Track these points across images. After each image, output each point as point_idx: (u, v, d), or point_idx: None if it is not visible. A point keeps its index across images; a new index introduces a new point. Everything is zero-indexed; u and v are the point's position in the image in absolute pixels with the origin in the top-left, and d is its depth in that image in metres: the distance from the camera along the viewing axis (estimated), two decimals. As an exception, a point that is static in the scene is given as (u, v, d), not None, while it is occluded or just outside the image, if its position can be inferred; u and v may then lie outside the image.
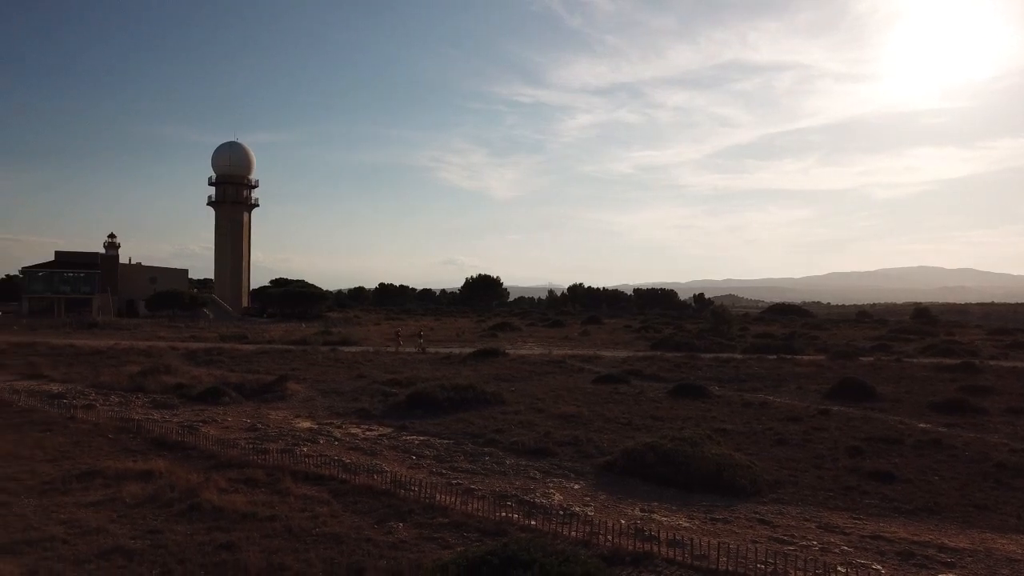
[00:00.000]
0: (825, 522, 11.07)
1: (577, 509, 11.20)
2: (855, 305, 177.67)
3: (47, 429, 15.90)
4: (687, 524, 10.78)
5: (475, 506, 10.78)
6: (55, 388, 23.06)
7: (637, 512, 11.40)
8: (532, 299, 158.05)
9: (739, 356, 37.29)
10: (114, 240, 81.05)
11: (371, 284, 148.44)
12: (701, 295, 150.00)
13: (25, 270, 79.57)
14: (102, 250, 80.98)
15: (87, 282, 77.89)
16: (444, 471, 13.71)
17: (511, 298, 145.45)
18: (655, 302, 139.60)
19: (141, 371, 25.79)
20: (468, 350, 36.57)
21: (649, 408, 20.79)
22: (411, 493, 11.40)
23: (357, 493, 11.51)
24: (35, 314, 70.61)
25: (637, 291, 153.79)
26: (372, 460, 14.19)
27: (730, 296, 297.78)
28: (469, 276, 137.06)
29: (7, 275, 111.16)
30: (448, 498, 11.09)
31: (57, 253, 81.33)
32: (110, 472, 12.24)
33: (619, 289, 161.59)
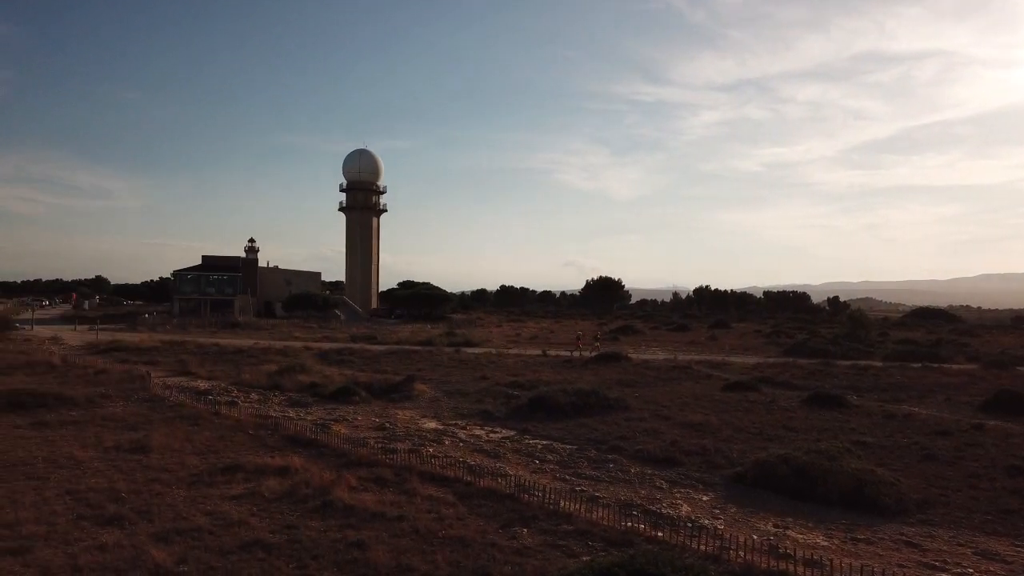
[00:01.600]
0: (982, 548, 10.16)
1: (706, 522, 10.80)
2: (1010, 310, 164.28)
3: (195, 424, 16.95)
4: (825, 543, 10.17)
5: (600, 514, 10.59)
6: (202, 385, 24.63)
7: (770, 527, 10.87)
8: (655, 302, 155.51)
9: (879, 364, 35.15)
10: (254, 244, 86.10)
11: (493, 286, 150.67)
12: (835, 298, 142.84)
13: (176, 273, 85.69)
14: (243, 254, 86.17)
15: (230, 284, 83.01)
16: (568, 477, 13.58)
17: (632, 300, 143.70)
18: (786, 305, 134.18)
19: (278, 370, 27.14)
20: (589, 354, 36.32)
21: (781, 418, 19.88)
22: (535, 498, 11.33)
23: (481, 496, 11.56)
24: (184, 314, 75.87)
25: (767, 294, 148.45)
26: (496, 463, 14.26)
27: (867, 299, 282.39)
28: (589, 278, 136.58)
29: (160, 277, 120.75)
30: (572, 505, 10.94)
31: (204, 257, 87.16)
32: (250, 467, 12.86)
33: (747, 292, 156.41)
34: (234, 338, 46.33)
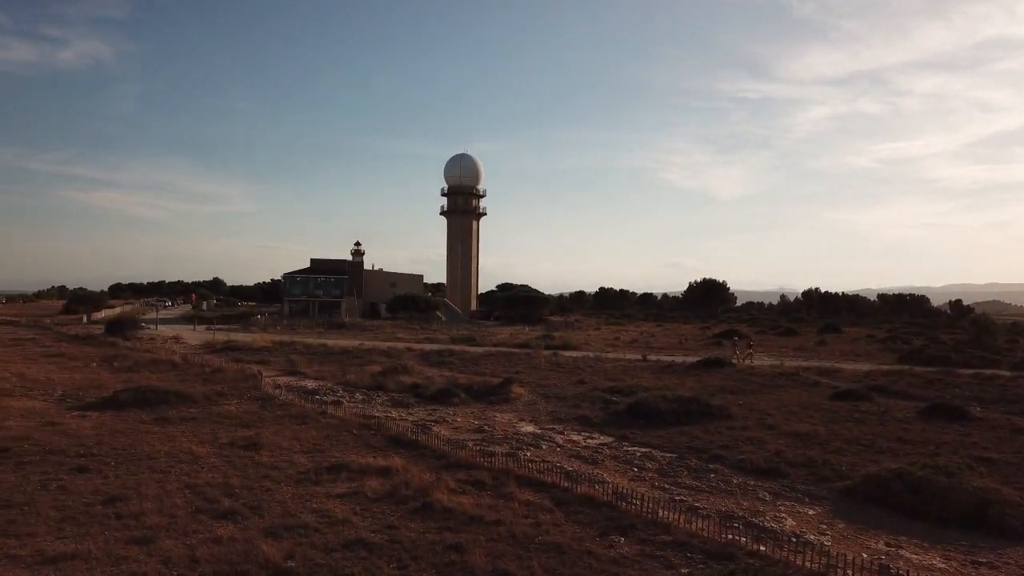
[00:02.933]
0: (1124, 579, 9.34)
1: (812, 537, 10.39)
2: None
3: (303, 423, 17.62)
4: (942, 565, 9.60)
5: (700, 525, 10.35)
6: (309, 384, 25.60)
7: (881, 546, 10.35)
8: (761, 304, 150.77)
9: (1006, 373, 32.85)
10: (359, 248, 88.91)
11: (591, 288, 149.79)
12: (958, 301, 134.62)
13: (286, 276, 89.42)
14: (350, 257, 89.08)
15: (337, 286, 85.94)
16: (667, 486, 13.36)
17: (738, 303, 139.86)
18: (903, 309, 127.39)
19: (382, 371, 27.91)
20: (691, 359, 35.60)
21: (896, 430, 18.89)
22: (632, 507, 11.19)
23: (578, 502, 11.51)
24: (294, 315, 79.06)
25: (882, 296, 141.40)
26: (593, 469, 14.18)
27: (995, 302, 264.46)
28: (692, 280, 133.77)
29: (272, 279, 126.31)
30: (671, 515, 10.75)
31: (312, 260, 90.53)
32: (354, 466, 13.26)
33: (860, 294, 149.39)
34: (340, 338, 47.93)
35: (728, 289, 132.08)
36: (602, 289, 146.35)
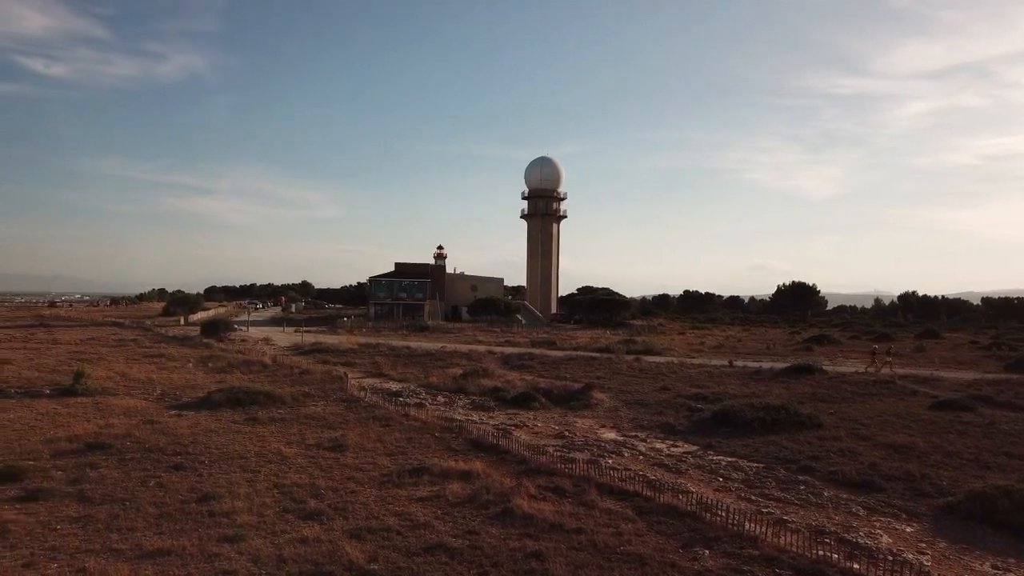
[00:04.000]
0: None
1: (910, 556, 9.88)
2: None
3: (386, 425, 17.91)
4: (1058, 592, 8.96)
5: (788, 540, 9.98)
6: (393, 386, 26.02)
7: (987, 568, 9.75)
8: (854, 308, 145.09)
9: (1125, 383, 30.54)
10: (442, 252, 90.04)
11: (675, 291, 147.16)
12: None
13: (371, 279, 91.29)
14: (432, 260, 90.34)
15: (420, 289, 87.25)
16: (753, 497, 12.96)
17: (829, 307, 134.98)
18: (1009, 313, 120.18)
19: (463, 374, 28.14)
20: (780, 365, 34.52)
21: (1003, 443, 17.80)
22: (717, 518, 10.90)
23: (661, 512, 11.29)
24: (379, 317, 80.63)
25: (986, 300, 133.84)
26: (677, 478, 13.89)
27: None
28: (781, 283, 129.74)
29: (358, 282, 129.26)
30: (758, 527, 10.41)
31: (396, 264, 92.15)
32: (436, 470, 13.37)
33: (962, 298, 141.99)
34: (423, 341, 48.61)
35: (818, 292, 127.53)
36: (686, 292, 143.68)
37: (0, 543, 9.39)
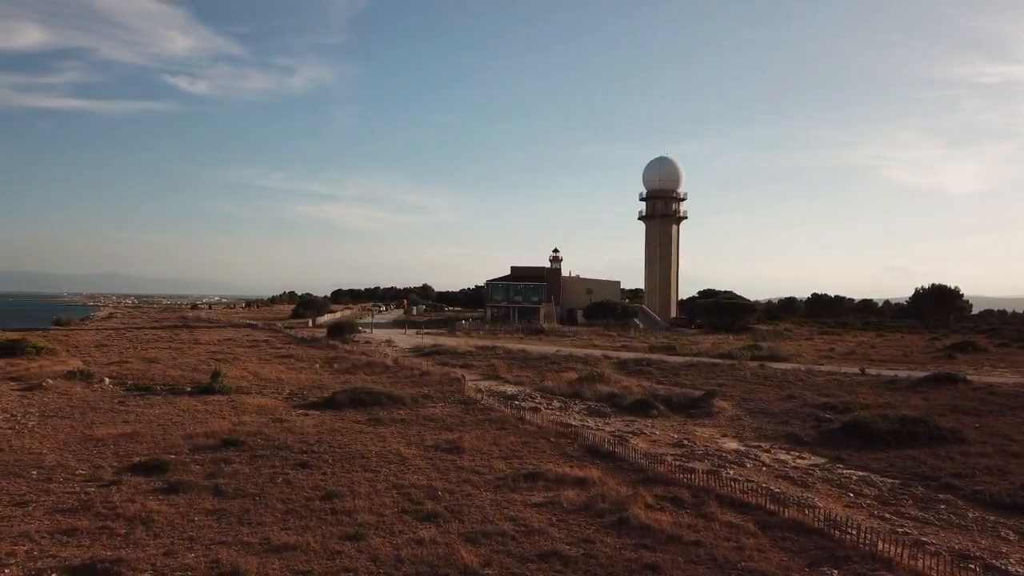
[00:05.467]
0: None
1: (1071, 589, 8.97)
2: None
3: (502, 428, 18.02)
4: None
5: (927, 563, 9.27)
6: (508, 389, 26.21)
7: None
8: (1003, 313, 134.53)
9: None
10: (557, 255, 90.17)
11: (802, 294, 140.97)
12: None
13: (488, 282, 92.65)
14: (548, 263, 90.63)
15: (535, 292, 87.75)
16: (887, 515, 12.17)
17: (974, 311, 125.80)
18: None
19: (579, 378, 27.99)
20: (918, 374, 32.39)
21: None
22: (847, 536, 10.28)
23: (786, 527, 10.77)
24: (496, 320, 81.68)
25: None
26: (803, 492, 13.26)
27: None
28: (919, 285, 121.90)
29: (476, 285, 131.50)
30: (893, 548, 9.73)
31: (512, 267, 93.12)
32: (551, 475, 13.31)
33: None
34: (539, 344, 48.78)
35: (962, 295, 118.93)
36: (815, 295, 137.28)
37: (145, 531, 10.05)
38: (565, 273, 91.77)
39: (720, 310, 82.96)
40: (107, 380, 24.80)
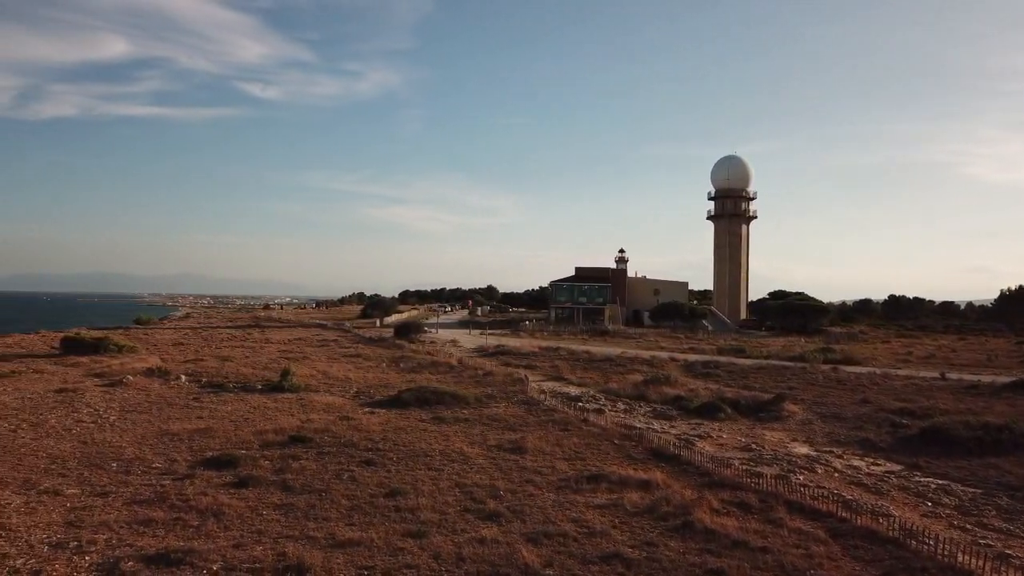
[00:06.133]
0: None
1: None
2: None
3: (564, 429, 17.92)
4: None
5: (1013, 577, 8.82)
6: (572, 391, 26.08)
7: None
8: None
9: None
10: (623, 255, 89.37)
11: (878, 295, 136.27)
12: None
13: (552, 283, 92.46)
14: (613, 264, 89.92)
15: (600, 293, 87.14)
16: (968, 526, 11.64)
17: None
18: None
19: (644, 380, 27.65)
20: (1003, 379, 30.92)
21: None
22: (925, 547, 9.86)
23: (858, 536, 10.40)
24: (560, 321, 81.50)
25: None
26: (877, 500, 12.79)
27: None
28: (1006, 287, 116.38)
29: (540, 287, 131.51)
30: (974, 561, 9.29)
31: (577, 268, 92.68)
32: (614, 477, 13.17)
33: None
34: (603, 345, 48.43)
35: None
36: (891, 297, 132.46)
37: (216, 523, 10.34)
38: (631, 274, 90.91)
39: (791, 312, 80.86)
40: (183, 377, 25.68)
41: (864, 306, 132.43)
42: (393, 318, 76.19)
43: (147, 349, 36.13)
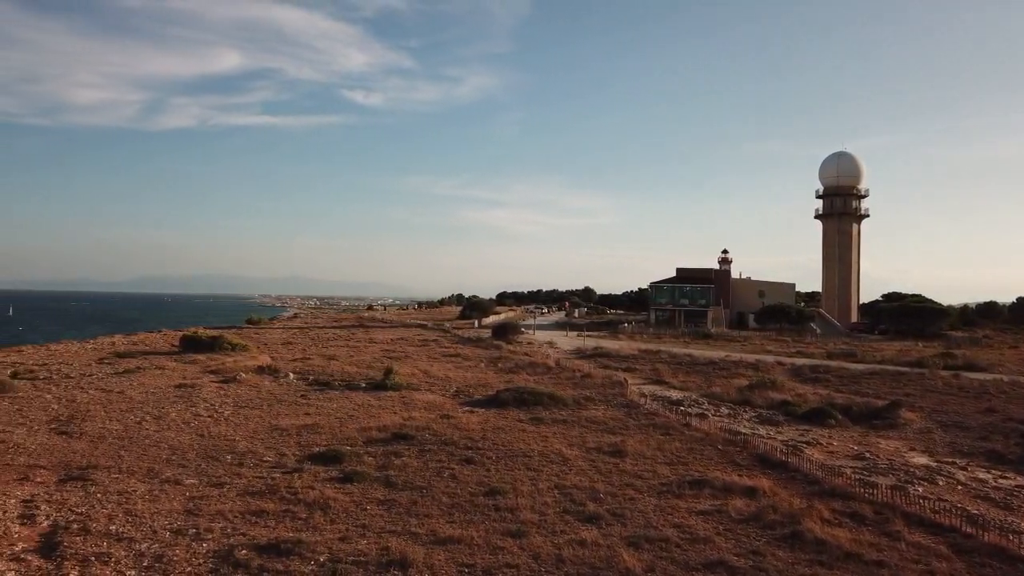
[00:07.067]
0: None
1: None
2: None
3: (666, 433, 17.57)
4: None
5: None
6: (673, 395, 25.57)
7: None
8: None
9: None
10: (726, 256, 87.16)
11: (1006, 298, 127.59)
12: None
13: (652, 285, 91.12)
14: (716, 265, 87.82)
15: (703, 295, 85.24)
16: (1114, 547, 10.67)
17: None
18: None
19: (749, 385, 26.84)
20: None
21: None
22: (1064, 568, 9.11)
23: (984, 553, 9.72)
24: (660, 323, 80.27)
25: None
26: (1006, 516, 11.93)
27: None
28: None
29: (639, 288, 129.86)
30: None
31: (678, 269, 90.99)
32: (718, 483, 12.81)
33: None
34: (706, 349, 47.35)
35: None
36: (1020, 299, 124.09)
37: (322, 516, 10.65)
38: (734, 275, 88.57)
39: (907, 315, 76.74)
40: (291, 375, 26.68)
41: (988, 309, 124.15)
42: (490, 319, 76.90)
43: (258, 348, 37.73)
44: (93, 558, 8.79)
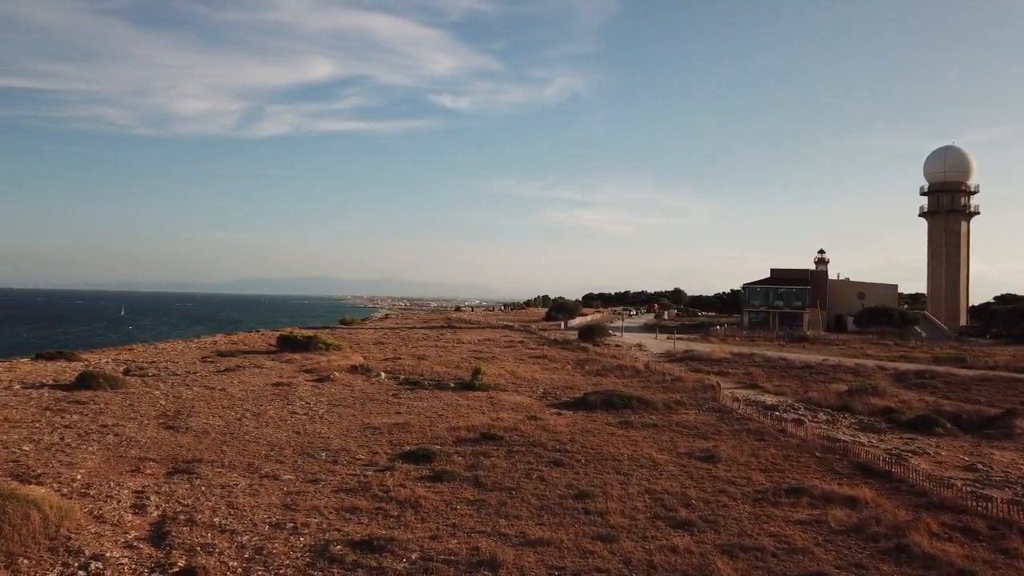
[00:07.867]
0: None
1: None
2: None
3: (760, 439, 17.05)
4: None
5: None
6: (768, 399, 24.81)
7: None
8: None
9: None
10: (823, 256, 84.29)
11: None
12: None
13: (745, 286, 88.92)
14: (812, 266, 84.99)
15: (798, 297, 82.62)
16: None
17: None
18: None
19: (849, 390, 25.79)
20: None
21: None
22: None
23: (1115, 576, 8.98)
24: (753, 326, 78.24)
25: None
26: None
27: None
28: None
29: (731, 290, 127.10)
30: None
31: (772, 270, 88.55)
32: (816, 492, 12.32)
33: None
34: (802, 352, 45.82)
35: None
36: None
37: (413, 515, 10.80)
38: (832, 276, 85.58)
39: (1022, 318, 72.27)
40: (383, 374, 27.26)
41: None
42: (577, 321, 76.67)
43: (351, 347, 38.72)
44: (199, 548, 9.16)
